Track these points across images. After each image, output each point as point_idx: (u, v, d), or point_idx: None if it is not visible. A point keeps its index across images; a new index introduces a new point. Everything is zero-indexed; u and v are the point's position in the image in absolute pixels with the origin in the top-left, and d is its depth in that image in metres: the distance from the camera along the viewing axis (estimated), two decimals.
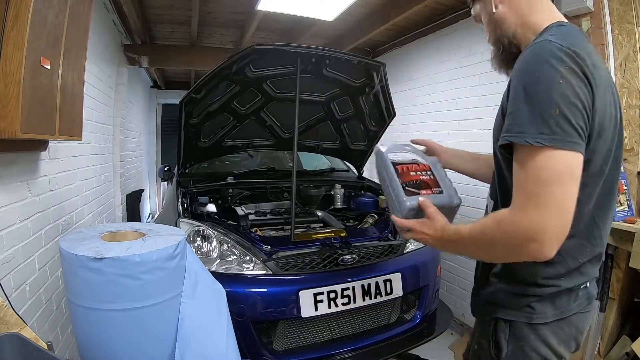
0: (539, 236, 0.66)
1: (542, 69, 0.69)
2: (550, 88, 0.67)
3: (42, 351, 0.72)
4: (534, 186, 0.67)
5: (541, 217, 0.66)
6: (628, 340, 1.70)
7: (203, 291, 1.22)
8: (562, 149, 0.66)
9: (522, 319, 0.82)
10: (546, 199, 0.66)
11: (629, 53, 1.77)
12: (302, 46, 2.01)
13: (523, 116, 0.69)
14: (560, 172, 0.66)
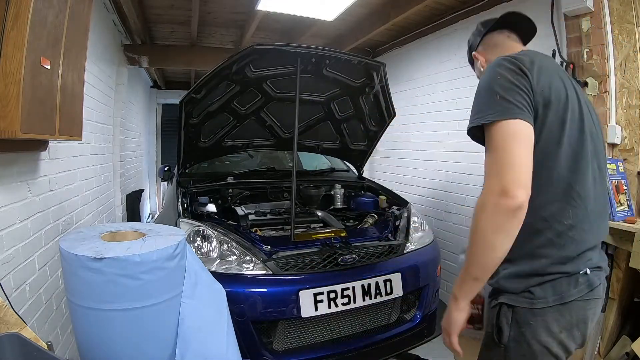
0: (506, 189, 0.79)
1: (487, 74, 0.91)
2: (491, 83, 0.88)
3: (42, 351, 0.72)
4: (493, 157, 0.83)
5: (500, 176, 0.81)
6: (628, 340, 1.70)
7: (203, 291, 1.22)
8: (504, 119, 0.83)
9: (524, 304, 0.87)
10: (502, 160, 0.81)
11: (629, 53, 1.77)
12: (302, 46, 2.01)
13: (476, 109, 0.90)
14: (506, 137, 0.82)
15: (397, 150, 3.61)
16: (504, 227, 0.81)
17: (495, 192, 0.80)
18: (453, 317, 0.96)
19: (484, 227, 0.83)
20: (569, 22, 1.92)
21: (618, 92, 1.80)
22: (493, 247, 0.83)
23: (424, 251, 2.05)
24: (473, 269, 0.87)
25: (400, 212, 2.23)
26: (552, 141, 0.86)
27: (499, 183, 0.80)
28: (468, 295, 0.91)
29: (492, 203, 0.81)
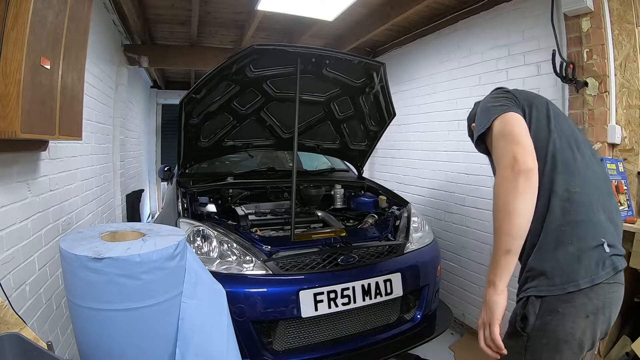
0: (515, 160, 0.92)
1: (481, 106, 1.13)
2: (486, 104, 1.10)
3: (42, 351, 0.72)
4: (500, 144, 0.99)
5: (508, 151, 0.94)
6: (628, 340, 1.70)
7: (203, 291, 1.22)
8: (500, 115, 1.02)
9: (556, 291, 0.92)
10: (507, 140, 0.97)
11: (629, 53, 1.77)
12: (302, 46, 2.01)
13: (478, 123, 1.09)
14: (506, 124, 1.00)
15: (397, 150, 3.61)
16: (522, 190, 0.90)
17: (508, 165, 0.92)
18: (493, 303, 0.93)
19: (504, 195, 0.91)
20: (569, 22, 1.92)
21: (618, 92, 1.80)
22: (515, 211, 0.90)
23: (424, 251, 2.05)
24: (503, 241, 0.91)
25: (400, 212, 2.23)
26: (543, 128, 1.04)
27: (509, 156, 0.93)
28: (504, 274, 0.93)
29: (507, 173, 0.92)
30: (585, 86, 1.85)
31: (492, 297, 0.93)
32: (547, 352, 0.92)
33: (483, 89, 2.56)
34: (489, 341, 0.93)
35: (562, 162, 1.01)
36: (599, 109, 1.81)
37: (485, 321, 0.94)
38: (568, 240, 0.93)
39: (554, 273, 0.93)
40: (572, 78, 1.88)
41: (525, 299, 0.96)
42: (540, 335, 0.91)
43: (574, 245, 0.93)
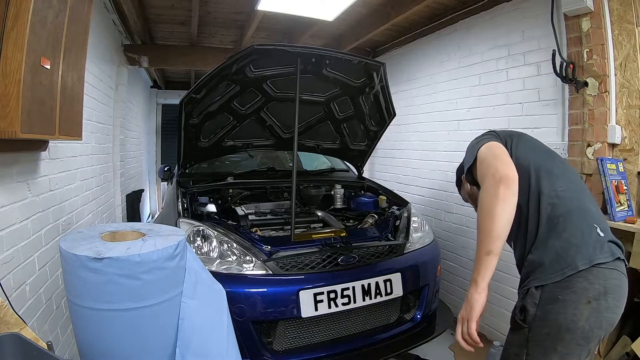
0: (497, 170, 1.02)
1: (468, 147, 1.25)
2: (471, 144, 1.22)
3: (42, 351, 0.71)
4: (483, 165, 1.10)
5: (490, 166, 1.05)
6: (628, 340, 1.70)
7: (203, 291, 1.22)
8: (483, 144, 1.14)
9: (556, 277, 0.95)
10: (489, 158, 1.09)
11: (629, 53, 1.77)
12: (302, 46, 2.01)
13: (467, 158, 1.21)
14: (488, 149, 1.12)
15: (397, 150, 3.61)
16: (502, 196, 0.97)
17: (490, 175, 1.02)
18: (474, 300, 0.99)
19: (486, 201, 0.99)
20: (569, 22, 1.92)
21: (618, 92, 1.80)
22: (495, 215, 0.97)
23: (424, 251, 2.05)
24: (485, 242, 0.98)
25: (400, 212, 2.23)
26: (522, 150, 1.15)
27: (491, 169, 1.03)
28: (486, 274, 0.98)
29: (489, 182, 1.01)
30: (585, 86, 1.85)
31: (473, 294, 0.99)
32: (550, 342, 0.92)
33: (483, 89, 2.56)
34: (466, 335, 1.01)
35: (545, 170, 1.11)
36: (599, 109, 1.81)
37: (464, 316, 1.01)
38: (562, 229, 0.99)
39: (552, 261, 0.97)
40: (572, 78, 1.88)
41: (525, 292, 1.00)
42: (542, 325, 0.93)
43: (567, 232, 0.99)
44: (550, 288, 0.95)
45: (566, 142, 1.98)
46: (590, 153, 1.84)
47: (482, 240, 0.99)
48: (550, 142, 2.07)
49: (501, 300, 2.38)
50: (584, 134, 1.87)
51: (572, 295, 0.92)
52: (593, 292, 0.93)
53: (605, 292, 0.94)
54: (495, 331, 2.42)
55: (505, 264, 2.31)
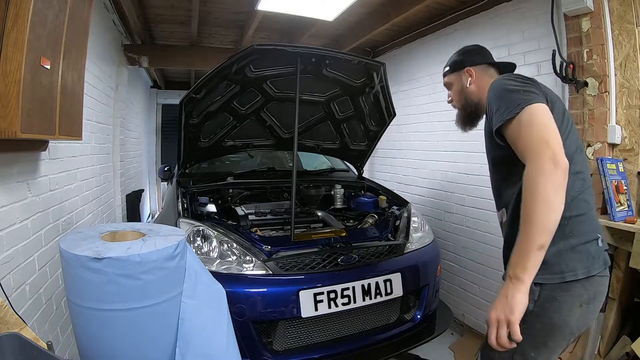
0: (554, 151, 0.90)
1: (500, 83, 1.07)
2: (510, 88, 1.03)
3: (42, 351, 0.71)
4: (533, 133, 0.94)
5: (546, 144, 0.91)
6: (628, 340, 1.70)
7: (203, 291, 1.22)
8: (536, 103, 0.97)
9: (555, 279, 0.95)
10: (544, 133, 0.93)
11: (629, 53, 1.77)
12: (302, 46, 2.01)
13: (504, 107, 1.01)
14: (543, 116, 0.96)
15: (397, 150, 3.61)
16: (562, 185, 0.90)
17: (549, 158, 0.90)
18: (517, 300, 0.89)
19: (545, 189, 0.89)
20: (569, 22, 1.92)
21: (618, 92, 1.80)
22: (555, 205, 0.89)
23: (424, 251, 2.05)
24: (538, 236, 0.89)
25: (400, 212, 2.23)
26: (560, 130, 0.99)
27: (549, 150, 0.90)
28: (533, 271, 0.90)
29: (548, 167, 0.89)
30: (585, 86, 1.85)
31: (515, 294, 0.89)
32: (542, 337, 0.97)
33: None
34: (504, 340, 0.90)
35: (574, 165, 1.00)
36: (599, 109, 1.81)
37: (502, 319, 0.89)
38: (569, 233, 0.97)
39: (554, 262, 0.96)
40: (572, 78, 1.88)
41: None
42: (536, 321, 0.96)
43: (574, 238, 0.98)
44: (550, 288, 0.96)
45: None
46: (590, 153, 1.84)
47: (536, 232, 0.89)
48: None
49: None
50: (584, 134, 1.87)
51: (568, 298, 0.95)
52: (586, 297, 0.97)
53: (594, 297, 0.98)
54: None
55: None
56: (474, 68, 1.27)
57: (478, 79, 1.26)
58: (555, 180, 0.88)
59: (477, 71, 1.27)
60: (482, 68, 1.28)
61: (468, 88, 1.27)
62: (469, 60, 1.30)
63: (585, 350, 1.80)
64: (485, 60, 1.30)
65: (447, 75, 1.37)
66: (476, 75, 1.26)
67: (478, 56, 1.31)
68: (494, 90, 1.07)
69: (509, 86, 1.03)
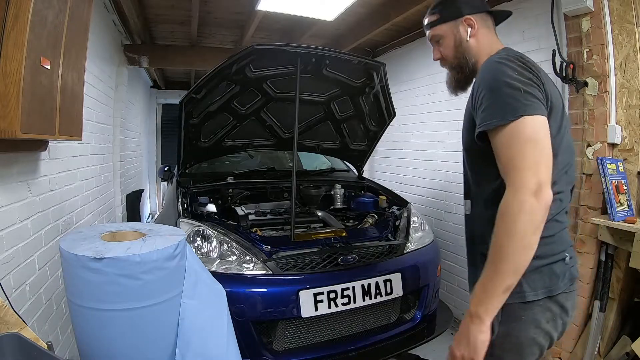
0: (541, 184, 0.79)
1: (500, 68, 0.88)
2: (509, 82, 0.84)
3: (42, 351, 0.72)
4: (526, 152, 0.80)
5: (536, 171, 0.79)
6: (628, 340, 1.70)
7: (203, 291, 1.22)
8: (536, 114, 0.82)
9: (516, 299, 0.87)
10: (537, 155, 0.80)
11: (629, 53, 1.77)
12: (302, 46, 2.01)
13: (497, 105, 0.85)
14: (539, 132, 0.82)
15: (397, 150, 3.61)
16: (541, 224, 0.80)
17: (533, 192, 0.78)
18: (479, 341, 0.84)
19: (525, 229, 0.78)
20: (569, 22, 1.91)
21: (618, 92, 1.80)
22: (532, 247, 0.80)
23: (424, 251, 2.05)
24: (508, 277, 0.81)
25: (400, 212, 2.23)
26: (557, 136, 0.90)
27: (536, 179, 0.79)
28: (495, 311, 0.83)
29: (530, 203, 0.78)
30: (585, 86, 1.84)
31: (478, 335, 0.83)
32: (510, 356, 0.91)
33: None
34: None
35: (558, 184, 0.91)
36: (599, 109, 1.81)
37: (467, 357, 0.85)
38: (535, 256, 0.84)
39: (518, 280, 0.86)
40: (572, 78, 1.88)
41: None
42: (504, 342, 0.89)
43: (539, 260, 0.88)
44: (513, 308, 0.87)
45: None
46: (590, 153, 1.84)
47: (507, 273, 0.81)
48: None
49: None
50: (584, 134, 1.87)
51: (532, 316, 0.88)
52: (550, 314, 0.90)
53: (561, 313, 0.91)
54: None
55: None
56: (474, 16, 1.03)
57: (479, 32, 1.03)
58: (536, 219, 0.79)
59: (477, 20, 1.03)
60: (481, 17, 1.04)
61: (468, 42, 1.03)
62: (468, 5, 1.04)
63: (585, 350, 1.80)
64: (484, 7, 1.06)
65: (437, 25, 1.08)
66: (477, 25, 1.02)
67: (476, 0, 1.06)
68: (490, 74, 0.89)
69: (508, 79, 0.84)
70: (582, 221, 1.86)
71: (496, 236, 0.82)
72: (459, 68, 1.08)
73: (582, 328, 1.86)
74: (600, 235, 1.75)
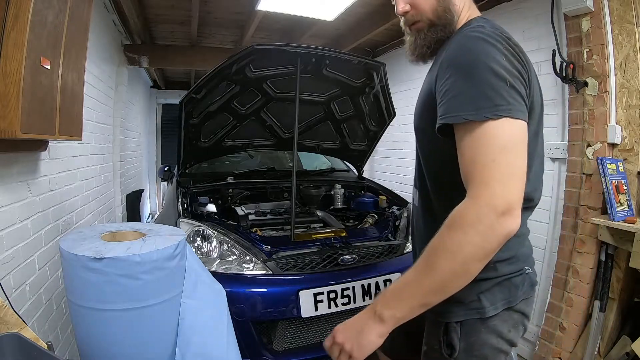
0: (510, 206, 0.63)
1: (483, 48, 0.69)
2: (494, 67, 0.67)
3: (42, 351, 0.71)
4: (501, 162, 0.64)
5: (508, 187, 0.63)
6: (628, 340, 1.70)
7: (203, 291, 1.22)
8: (516, 119, 0.66)
9: (475, 315, 0.80)
10: (510, 169, 0.64)
11: (629, 53, 1.77)
12: (302, 46, 2.01)
13: (472, 94, 0.67)
14: (518, 141, 0.66)
15: (397, 150, 3.61)
16: (491, 255, 0.65)
17: (499, 211, 0.62)
18: (370, 342, 0.76)
19: (472, 252, 0.64)
20: (569, 22, 1.92)
21: (618, 92, 1.80)
22: (470, 275, 0.67)
23: None
24: (431, 295, 0.69)
25: (400, 212, 2.23)
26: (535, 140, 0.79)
27: (506, 198, 0.63)
28: (402, 320, 0.72)
29: (491, 223, 0.62)
30: (585, 86, 1.85)
31: (371, 334, 0.76)
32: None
33: None
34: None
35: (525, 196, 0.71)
36: (599, 109, 1.81)
37: (348, 349, 0.79)
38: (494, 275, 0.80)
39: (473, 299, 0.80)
40: (572, 78, 1.88)
41: (444, 325, 0.83)
42: (468, 356, 0.84)
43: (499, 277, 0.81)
44: (472, 323, 0.81)
45: (566, 142, 1.98)
46: (590, 153, 1.84)
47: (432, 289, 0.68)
48: (550, 142, 2.08)
49: None
50: (584, 134, 1.87)
51: (493, 327, 0.82)
52: (512, 323, 0.85)
53: (523, 319, 0.86)
54: None
55: None
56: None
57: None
58: (489, 247, 0.64)
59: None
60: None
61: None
62: None
63: (585, 350, 1.80)
64: None
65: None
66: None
67: None
68: (469, 53, 0.69)
69: (494, 64, 0.67)
70: (582, 221, 1.86)
71: (434, 245, 0.68)
72: (434, 28, 0.83)
73: (582, 328, 1.86)
74: (600, 235, 1.75)
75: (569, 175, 1.96)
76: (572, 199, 1.93)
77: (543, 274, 2.09)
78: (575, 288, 1.88)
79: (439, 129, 0.72)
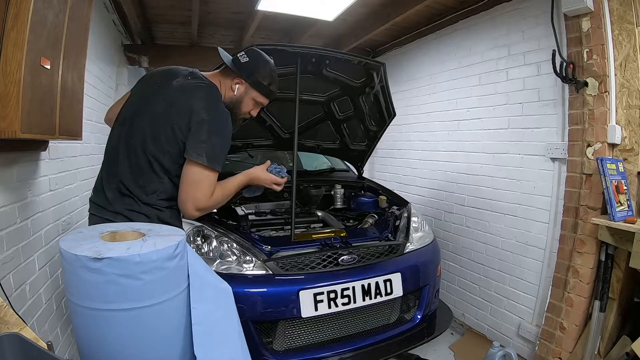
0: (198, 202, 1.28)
1: (223, 115, 1.33)
2: (228, 134, 1.33)
3: (42, 351, 0.71)
4: (198, 183, 1.26)
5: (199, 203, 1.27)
6: (628, 340, 1.70)
7: (210, 293, 1.22)
8: (217, 172, 1.29)
9: None
10: (202, 190, 1.27)
11: (629, 53, 1.77)
12: (302, 46, 2.01)
13: (215, 150, 1.27)
14: (212, 181, 1.28)
15: (397, 150, 3.61)
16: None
17: (194, 209, 1.30)
18: (262, 179, 1.53)
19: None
20: (569, 22, 1.92)
21: (618, 92, 1.80)
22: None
23: (424, 251, 2.05)
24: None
25: (400, 212, 2.23)
26: None
27: (196, 208, 1.30)
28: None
29: (191, 211, 1.31)
30: (585, 86, 1.85)
31: (259, 177, 1.51)
32: None
33: (483, 89, 2.56)
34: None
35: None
36: (599, 109, 1.82)
37: (274, 181, 1.53)
38: None
39: None
40: (572, 78, 1.88)
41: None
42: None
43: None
44: None
45: (566, 142, 1.99)
46: (590, 153, 1.84)
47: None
48: (551, 142, 2.08)
49: (501, 300, 2.38)
50: (584, 134, 1.87)
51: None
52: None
53: None
54: (495, 331, 2.42)
55: (506, 264, 2.31)
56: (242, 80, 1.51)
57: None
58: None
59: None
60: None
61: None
62: (249, 71, 1.55)
63: (585, 350, 1.81)
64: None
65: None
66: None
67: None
68: (214, 112, 1.31)
69: (228, 130, 1.33)
70: (582, 221, 1.86)
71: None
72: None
73: (582, 328, 1.86)
74: (600, 236, 1.75)
75: (569, 175, 1.96)
76: (572, 199, 1.93)
77: (543, 274, 2.09)
78: (575, 288, 1.88)
79: (183, 154, 1.33)
